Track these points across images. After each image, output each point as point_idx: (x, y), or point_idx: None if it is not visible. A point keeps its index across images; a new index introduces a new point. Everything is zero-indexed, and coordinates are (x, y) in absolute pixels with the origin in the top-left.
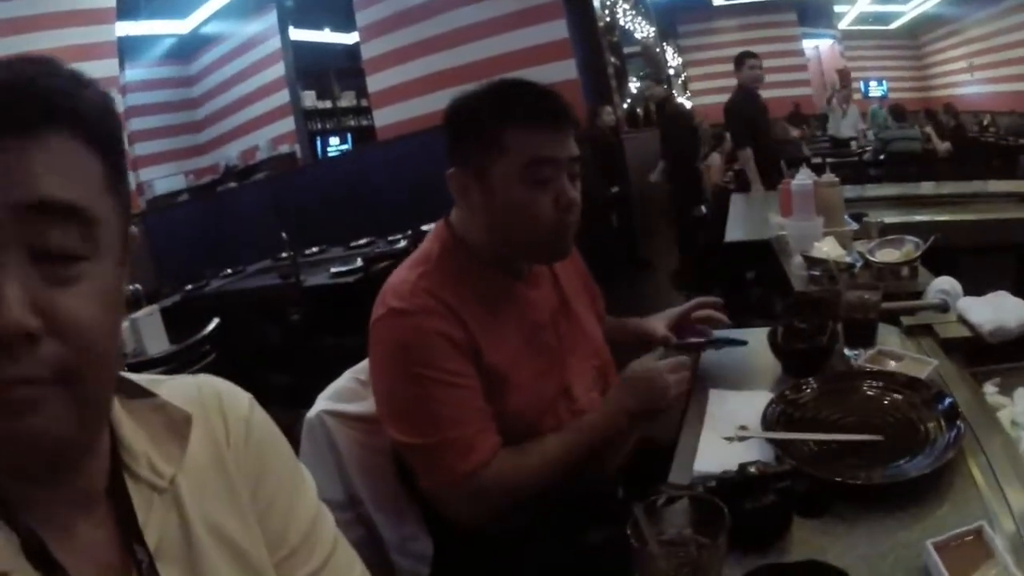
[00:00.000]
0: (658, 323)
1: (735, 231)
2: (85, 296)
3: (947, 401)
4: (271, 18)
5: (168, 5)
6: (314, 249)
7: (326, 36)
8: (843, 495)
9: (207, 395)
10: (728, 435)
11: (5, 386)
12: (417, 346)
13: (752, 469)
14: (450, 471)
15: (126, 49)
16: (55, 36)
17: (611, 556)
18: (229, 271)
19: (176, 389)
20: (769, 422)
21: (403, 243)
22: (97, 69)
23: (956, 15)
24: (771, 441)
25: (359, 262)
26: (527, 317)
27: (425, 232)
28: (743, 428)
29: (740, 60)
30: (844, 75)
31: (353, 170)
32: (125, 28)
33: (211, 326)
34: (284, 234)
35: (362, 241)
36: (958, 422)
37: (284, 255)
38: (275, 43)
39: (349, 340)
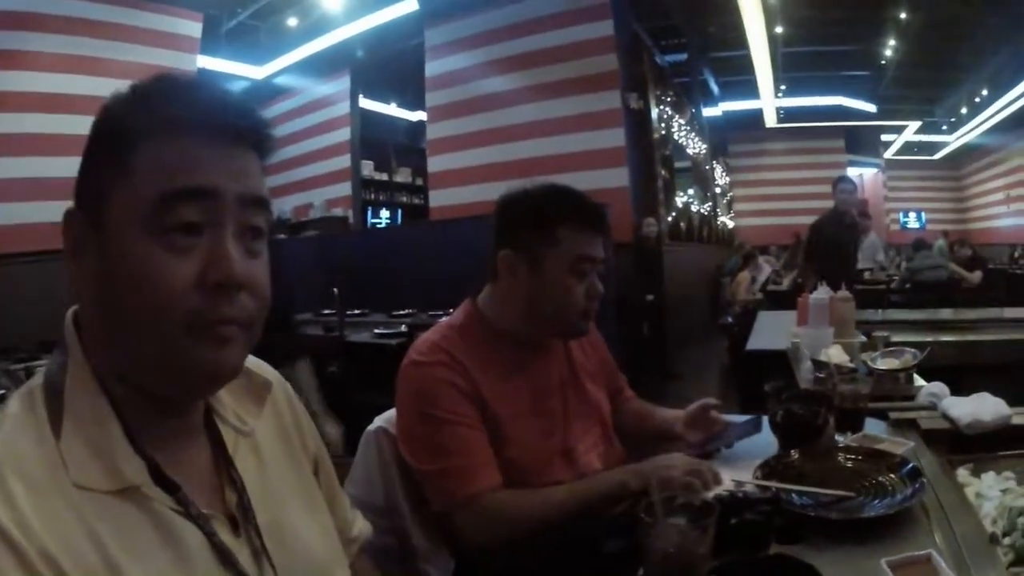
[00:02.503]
0: (677, 420)
1: (758, 341)
2: (263, 265)
3: (911, 465)
4: (344, 83)
5: (247, 49)
6: (356, 311)
7: (391, 110)
8: (816, 528)
9: (278, 378)
10: (727, 487)
11: (220, 322)
12: (428, 391)
13: (740, 493)
14: (451, 494)
15: (208, 81)
16: (140, 51)
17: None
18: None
19: (256, 363)
20: (760, 476)
21: (445, 318)
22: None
23: (998, 144)
24: (762, 489)
25: (403, 327)
26: (534, 383)
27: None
28: (737, 482)
29: (835, 183)
30: (863, 207)
31: (401, 243)
32: (204, 61)
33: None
34: (335, 290)
35: (404, 311)
36: (920, 479)
37: (327, 311)
38: (344, 108)
39: (384, 397)
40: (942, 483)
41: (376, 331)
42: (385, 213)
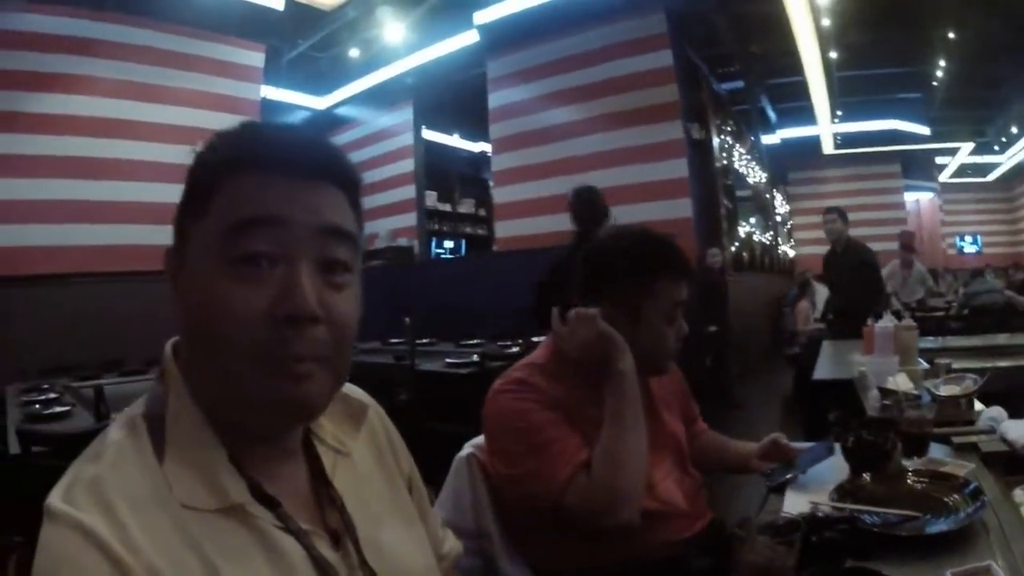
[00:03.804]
0: (751, 453)
1: (823, 370)
2: (347, 298)
3: (973, 486)
4: (407, 114)
5: (309, 80)
6: (423, 340)
7: (454, 141)
8: (886, 545)
9: (372, 402)
10: (803, 508)
11: (294, 359)
12: (517, 410)
13: (819, 513)
14: (554, 479)
15: (265, 111)
16: (204, 80)
17: None
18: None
19: (351, 388)
20: (835, 498)
21: (514, 348)
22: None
23: None
24: (838, 510)
25: (474, 357)
26: None
27: (535, 342)
28: (815, 504)
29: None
30: (906, 239)
31: (466, 273)
32: (267, 91)
33: None
34: (407, 319)
35: (472, 341)
36: (982, 498)
37: (395, 340)
38: (407, 139)
39: (453, 425)
40: (1000, 503)
41: (447, 360)
42: (449, 243)
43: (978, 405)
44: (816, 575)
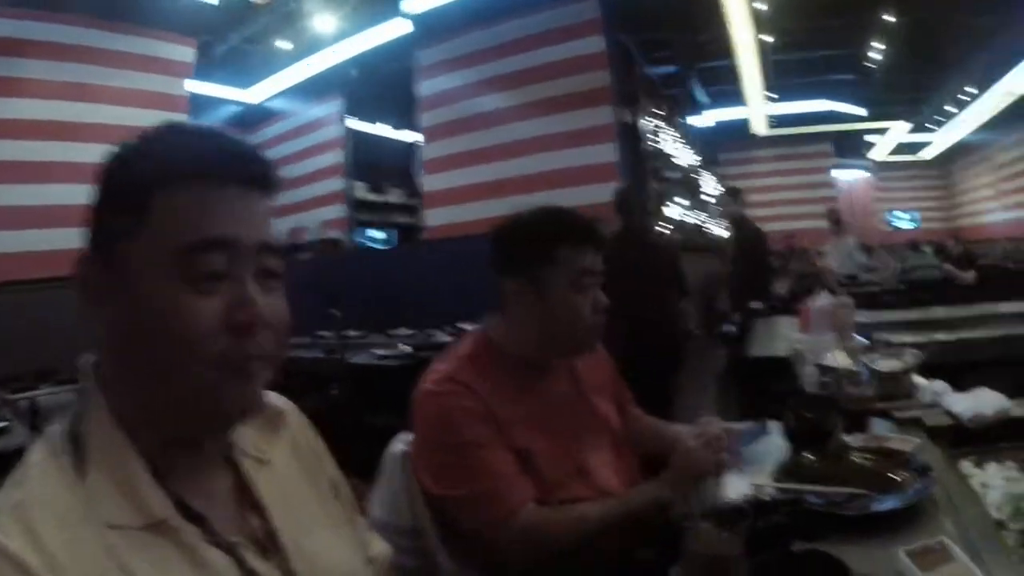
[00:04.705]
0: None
1: (758, 348)
2: (281, 301)
3: (919, 462)
4: (335, 105)
5: (239, 74)
6: (353, 333)
7: (384, 131)
8: (835, 525)
9: (291, 406)
10: (746, 490)
11: (247, 359)
12: (446, 418)
13: (762, 496)
14: (488, 516)
15: (195, 106)
16: (134, 78)
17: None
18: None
19: (269, 394)
20: (778, 478)
21: (444, 338)
22: (166, 120)
23: (985, 142)
24: (781, 491)
25: (405, 348)
26: (544, 404)
27: (465, 330)
28: (757, 486)
29: None
30: (832, 214)
31: (397, 263)
32: (195, 86)
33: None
34: (336, 312)
35: (402, 331)
36: (930, 474)
37: (324, 333)
38: (336, 130)
39: (386, 418)
40: (948, 476)
41: (378, 352)
42: (379, 234)
43: (918, 379)
44: (764, 561)
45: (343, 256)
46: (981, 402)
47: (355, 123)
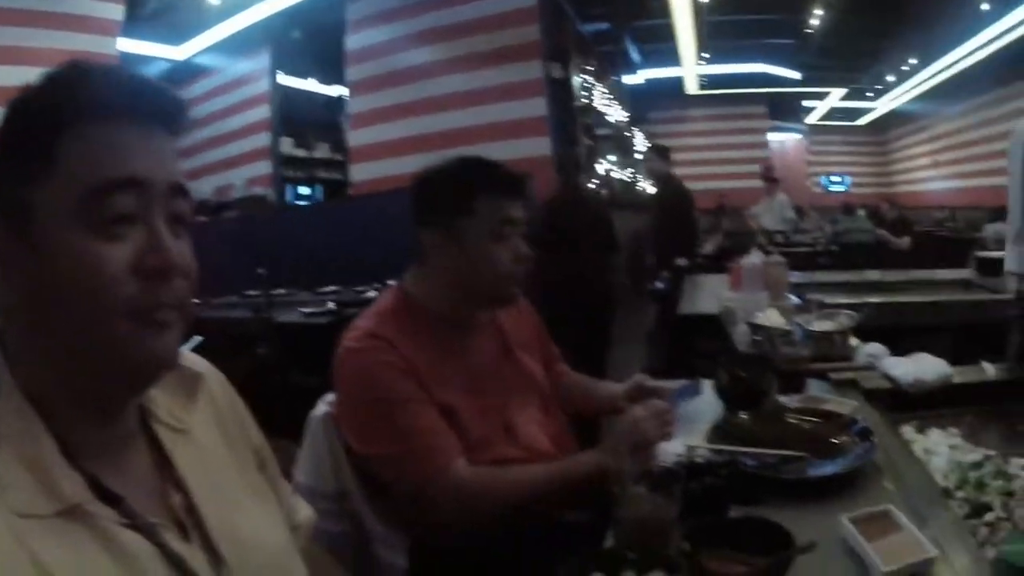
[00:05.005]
0: (618, 393)
1: (689, 305)
2: (188, 247)
3: (861, 425)
4: (264, 60)
5: (168, 30)
6: (281, 291)
7: (311, 86)
8: (773, 489)
9: (210, 369)
10: (679, 451)
11: (160, 307)
12: (369, 376)
13: (696, 458)
14: (419, 473)
15: (124, 65)
16: (61, 37)
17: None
18: (197, 301)
19: (187, 356)
20: (712, 439)
21: (371, 293)
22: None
23: (924, 112)
24: (715, 452)
25: (331, 305)
26: (469, 361)
27: (392, 285)
28: (691, 447)
29: None
30: (766, 169)
31: (323, 220)
32: (125, 44)
33: (193, 343)
34: (262, 270)
35: (328, 288)
36: (871, 438)
37: (252, 293)
38: (263, 85)
39: (314, 378)
40: (889, 441)
41: (303, 310)
42: (305, 190)
43: (854, 341)
44: (699, 527)
45: (269, 213)
46: (922, 367)
47: (284, 78)
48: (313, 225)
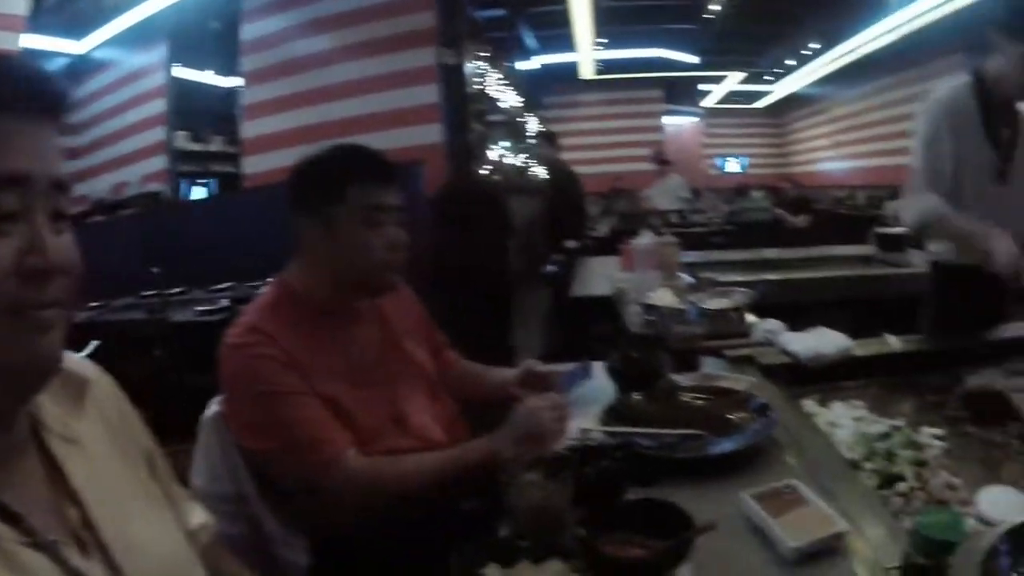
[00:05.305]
0: (510, 379)
1: (581, 287)
2: (72, 244)
3: (758, 401)
4: (160, 52)
5: (69, 22)
6: (177, 289)
7: (208, 77)
8: (671, 469)
9: (97, 373)
10: (572, 435)
11: (42, 307)
12: (252, 370)
13: (590, 441)
14: (307, 466)
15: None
16: None
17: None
18: (95, 303)
19: (73, 361)
20: (606, 422)
21: (265, 288)
22: None
23: (824, 94)
24: (609, 435)
25: (224, 303)
26: (353, 353)
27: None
28: (584, 430)
29: None
30: (657, 153)
31: (219, 215)
32: (27, 40)
33: (89, 348)
34: (156, 269)
35: (223, 285)
36: (770, 413)
37: (148, 293)
38: (160, 78)
39: (209, 378)
40: (790, 415)
41: (198, 309)
42: (202, 185)
43: (751, 318)
44: (595, 512)
45: (164, 210)
46: (821, 341)
47: (181, 70)
48: (207, 220)
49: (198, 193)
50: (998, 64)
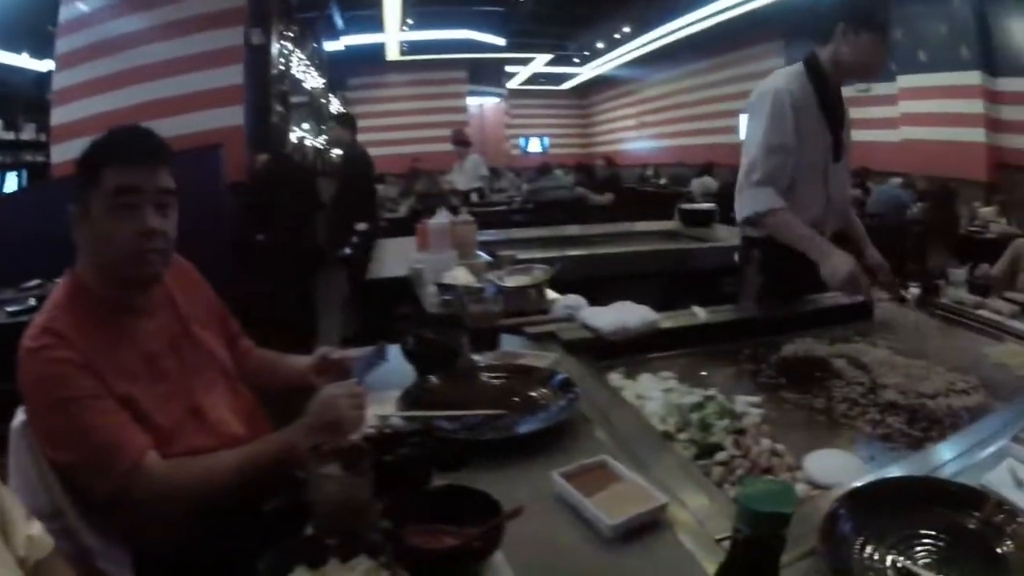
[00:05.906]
0: (307, 368)
1: (378, 269)
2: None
3: (561, 377)
4: None
5: None
6: None
7: (23, 61)
8: (475, 452)
9: None
10: (372, 424)
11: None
12: (49, 377)
13: (388, 428)
14: (110, 472)
15: None
16: None
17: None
18: None
19: None
20: (404, 407)
21: (57, 284)
22: None
23: (632, 76)
24: (409, 420)
25: (32, 302)
26: (145, 346)
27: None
28: (382, 417)
29: None
30: (457, 134)
31: (27, 207)
32: None
33: None
34: None
35: (32, 283)
36: (574, 389)
37: None
38: None
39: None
40: (596, 390)
41: (8, 309)
42: (13, 176)
43: (551, 294)
44: (399, 503)
45: None
46: (625, 315)
47: None
48: (18, 214)
49: (10, 184)
50: (837, 50)
